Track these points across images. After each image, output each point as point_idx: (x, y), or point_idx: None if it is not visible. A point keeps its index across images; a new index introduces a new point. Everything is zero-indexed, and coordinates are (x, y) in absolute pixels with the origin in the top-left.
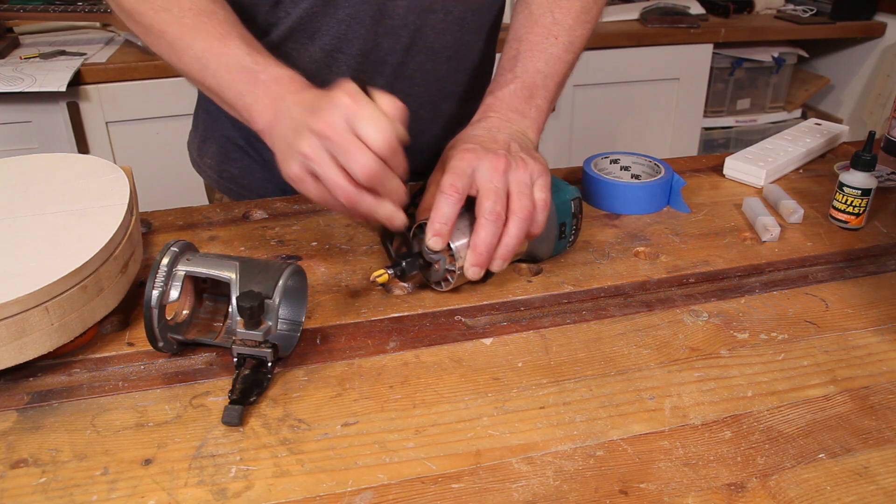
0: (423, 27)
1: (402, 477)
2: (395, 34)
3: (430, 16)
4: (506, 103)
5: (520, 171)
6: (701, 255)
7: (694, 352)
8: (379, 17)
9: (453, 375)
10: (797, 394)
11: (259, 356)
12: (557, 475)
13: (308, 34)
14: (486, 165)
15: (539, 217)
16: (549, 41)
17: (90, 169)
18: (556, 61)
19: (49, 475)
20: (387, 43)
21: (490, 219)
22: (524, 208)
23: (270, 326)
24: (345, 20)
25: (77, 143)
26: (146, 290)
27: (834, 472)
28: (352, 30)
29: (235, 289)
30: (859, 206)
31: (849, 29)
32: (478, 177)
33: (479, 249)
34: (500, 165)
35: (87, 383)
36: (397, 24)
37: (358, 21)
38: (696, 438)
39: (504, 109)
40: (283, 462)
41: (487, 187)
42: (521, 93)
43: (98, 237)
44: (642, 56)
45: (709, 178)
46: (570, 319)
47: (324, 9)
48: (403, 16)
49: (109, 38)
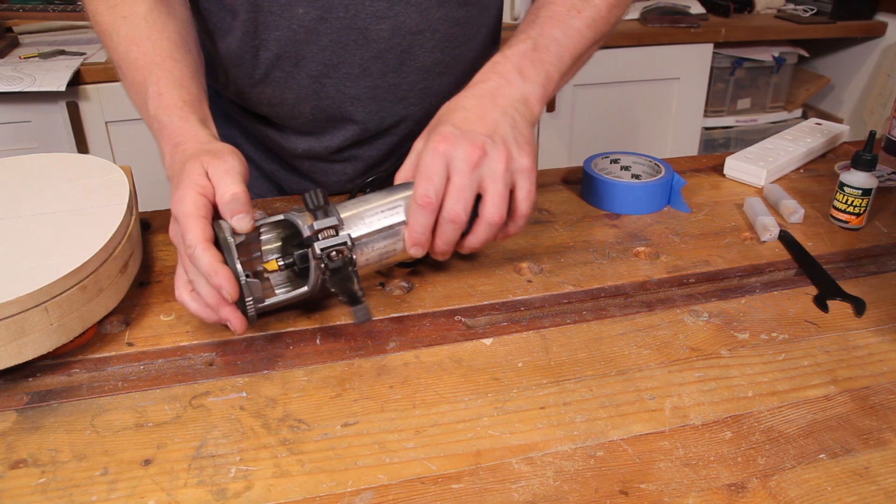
0: (411, 48)
1: (401, 477)
2: (383, 57)
3: (417, 36)
4: (512, 62)
5: (498, 163)
6: (701, 255)
7: (694, 352)
8: (364, 41)
9: (453, 375)
10: (798, 394)
11: (339, 244)
12: (557, 475)
13: (293, 62)
14: (460, 155)
15: (518, 222)
16: (571, 13)
17: (90, 169)
18: (575, 34)
19: (48, 475)
20: (375, 66)
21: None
22: (492, 215)
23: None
24: (329, 46)
25: (76, 142)
26: (232, 267)
27: (834, 472)
28: (337, 55)
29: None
30: (860, 206)
31: (849, 28)
32: (450, 168)
33: (415, 237)
34: (473, 156)
35: (86, 383)
36: (383, 47)
37: (342, 47)
38: (697, 439)
39: (509, 70)
40: (282, 462)
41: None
42: (532, 55)
43: (97, 237)
44: (642, 56)
45: (709, 178)
46: (571, 319)
47: (306, 36)
48: (389, 38)
49: None
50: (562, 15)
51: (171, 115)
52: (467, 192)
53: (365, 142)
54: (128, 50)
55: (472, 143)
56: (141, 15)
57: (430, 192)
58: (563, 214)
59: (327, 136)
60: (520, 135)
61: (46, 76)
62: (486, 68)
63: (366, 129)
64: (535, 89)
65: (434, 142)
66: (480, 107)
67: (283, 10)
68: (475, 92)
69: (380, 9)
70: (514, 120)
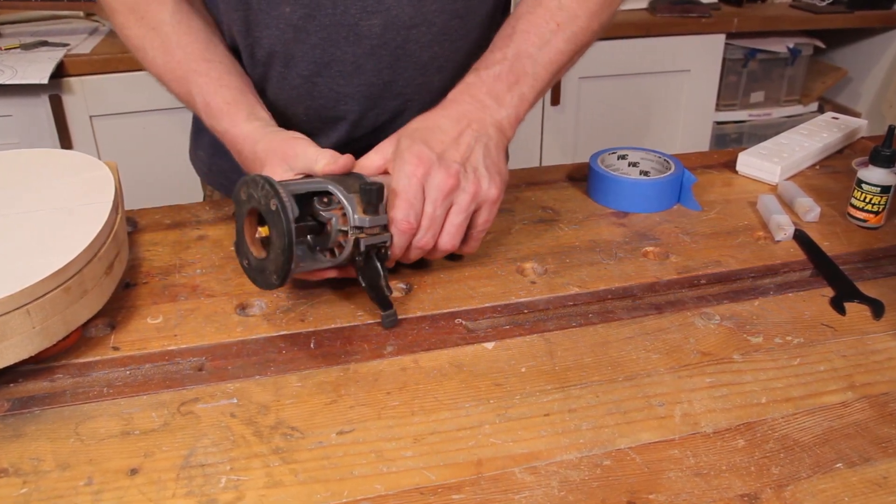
0: (405, 43)
1: (399, 487)
2: (376, 54)
3: (412, 31)
4: (486, 86)
5: (466, 194)
6: (713, 256)
7: (705, 356)
8: (355, 38)
9: (453, 381)
10: (813, 400)
11: (380, 242)
12: (562, 485)
13: (283, 62)
14: (435, 183)
15: (470, 245)
16: (549, 26)
17: (73, 165)
18: (552, 50)
19: (31, 485)
20: (369, 63)
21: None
22: (445, 244)
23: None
24: (319, 44)
25: (60, 138)
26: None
27: (852, 482)
28: (328, 53)
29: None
30: (878, 204)
31: (867, 18)
32: (424, 192)
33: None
34: (447, 185)
35: (70, 389)
36: (376, 43)
37: (333, 44)
38: (708, 447)
39: (483, 94)
40: (275, 472)
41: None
42: (506, 77)
43: (82, 236)
44: (651, 47)
45: (721, 175)
46: (576, 322)
47: (295, 35)
48: (381, 34)
49: (94, 27)
50: (539, 29)
51: (222, 122)
52: (438, 223)
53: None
54: (165, 63)
55: (447, 172)
56: (167, 22)
57: (411, 218)
58: (569, 213)
59: (322, 137)
60: (492, 163)
61: (28, 68)
62: (460, 89)
63: (360, 127)
64: (508, 113)
65: (412, 164)
66: (456, 129)
67: (271, 9)
68: (450, 113)
69: (370, 3)
70: (486, 147)
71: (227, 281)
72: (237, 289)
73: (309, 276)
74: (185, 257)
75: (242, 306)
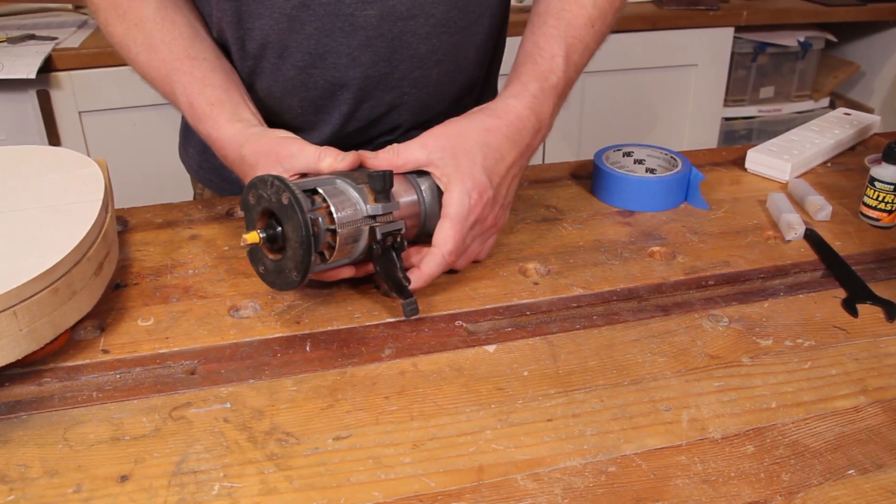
0: (402, 34)
1: (398, 495)
2: (372, 45)
3: (410, 22)
4: (550, 100)
5: (490, 227)
6: (721, 256)
7: (713, 359)
8: (350, 29)
9: (454, 385)
10: (825, 405)
11: (395, 230)
12: (566, 493)
13: (277, 53)
14: (481, 219)
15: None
16: (587, 29)
17: (62, 162)
18: (588, 53)
19: (18, 493)
20: (365, 55)
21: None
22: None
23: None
24: (313, 35)
25: (48, 134)
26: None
27: (864, 489)
28: (322, 44)
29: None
30: (892, 203)
31: (880, 11)
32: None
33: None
34: (489, 224)
35: (58, 393)
36: (372, 34)
37: (328, 35)
38: (716, 453)
39: (546, 113)
40: (269, 478)
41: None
42: (563, 89)
43: (70, 236)
44: (658, 40)
45: (729, 173)
46: (580, 325)
47: (289, 25)
48: (377, 25)
49: (83, 21)
50: (580, 31)
51: (206, 125)
52: (472, 257)
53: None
54: (148, 60)
55: (492, 211)
56: (150, 18)
57: (458, 254)
58: (572, 211)
59: (314, 131)
60: (514, 194)
61: (15, 62)
62: (527, 100)
63: (354, 120)
64: (543, 136)
65: (473, 197)
66: (512, 156)
67: None
68: (513, 135)
69: None
70: (519, 178)
71: (220, 282)
72: (230, 290)
73: (324, 277)
74: (176, 257)
75: (236, 308)
